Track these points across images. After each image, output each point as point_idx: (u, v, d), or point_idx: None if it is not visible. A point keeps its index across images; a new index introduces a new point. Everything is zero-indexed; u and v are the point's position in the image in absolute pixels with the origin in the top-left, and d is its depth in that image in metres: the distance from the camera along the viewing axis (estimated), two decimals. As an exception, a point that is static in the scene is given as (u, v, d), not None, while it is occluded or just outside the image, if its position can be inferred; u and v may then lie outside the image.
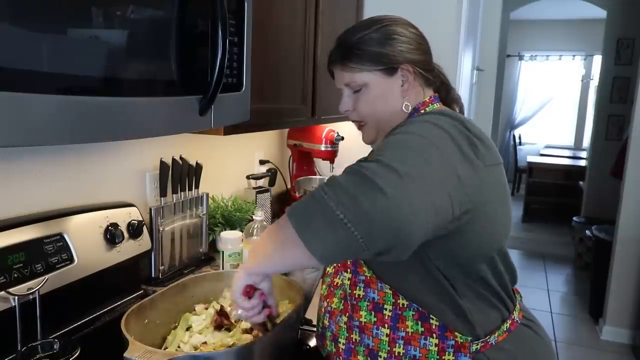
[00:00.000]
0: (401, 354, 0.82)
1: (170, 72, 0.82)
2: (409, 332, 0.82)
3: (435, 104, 0.96)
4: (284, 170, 2.23)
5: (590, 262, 3.73)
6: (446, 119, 0.81)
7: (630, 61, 4.29)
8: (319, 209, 0.67)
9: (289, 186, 2.20)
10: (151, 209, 1.33)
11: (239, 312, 0.84)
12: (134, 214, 1.25)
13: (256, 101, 1.17)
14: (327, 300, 0.93)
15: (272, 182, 1.98)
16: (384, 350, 0.83)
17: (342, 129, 2.01)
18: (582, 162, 5.79)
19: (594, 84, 6.11)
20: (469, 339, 0.81)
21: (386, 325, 0.83)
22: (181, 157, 1.40)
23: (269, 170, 1.98)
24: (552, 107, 7.12)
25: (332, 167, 2.09)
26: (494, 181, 0.83)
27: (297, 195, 1.99)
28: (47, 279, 0.96)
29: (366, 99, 0.95)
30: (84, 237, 1.09)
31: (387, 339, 0.83)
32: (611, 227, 3.10)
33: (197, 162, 1.46)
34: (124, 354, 0.76)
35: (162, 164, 1.34)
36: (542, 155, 6.56)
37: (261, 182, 1.93)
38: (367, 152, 1.09)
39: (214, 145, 1.70)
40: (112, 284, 1.21)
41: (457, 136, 0.78)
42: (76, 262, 1.05)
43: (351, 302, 0.87)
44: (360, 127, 1.01)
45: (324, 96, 1.69)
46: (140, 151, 1.38)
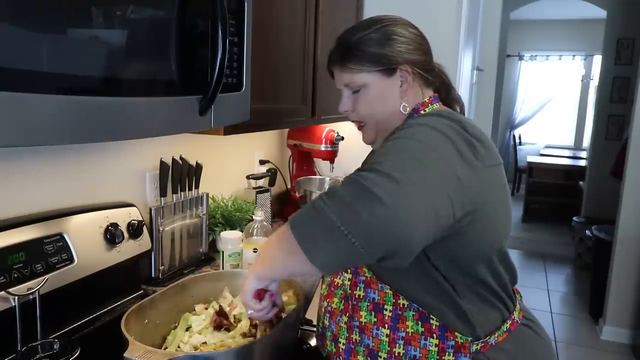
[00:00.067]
0: (401, 354, 0.82)
1: (170, 72, 0.82)
2: (409, 333, 0.82)
3: (435, 104, 0.96)
4: (284, 170, 2.23)
5: (590, 262, 3.73)
6: (444, 120, 0.81)
7: (630, 61, 4.29)
8: (319, 219, 0.67)
9: (289, 186, 2.20)
10: (151, 209, 1.33)
11: (249, 312, 0.86)
12: (134, 214, 1.25)
13: (256, 101, 1.17)
14: (327, 300, 0.93)
15: (272, 182, 1.98)
16: (384, 350, 0.83)
17: (342, 129, 2.01)
18: (582, 162, 5.79)
19: (594, 84, 6.11)
20: (469, 340, 0.81)
21: (386, 325, 0.83)
22: (181, 157, 1.40)
23: (269, 170, 1.98)
24: (552, 107, 7.12)
25: (332, 167, 2.09)
26: (494, 182, 0.83)
27: (297, 195, 1.99)
28: (47, 279, 0.96)
29: (365, 99, 0.95)
30: (84, 237, 1.09)
31: (387, 339, 0.83)
32: (611, 227, 3.10)
33: (197, 162, 1.46)
34: (124, 354, 0.76)
35: (162, 164, 1.34)
36: (542, 155, 6.57)
37: (261, 182, 1.93)
38: (367, 152, 1.10)
39: (214, 145, 1.70)
40: (112, 284, 1.21)
41: (455, 138, 0.77)
42: (76, 262, 1.05)
43: (351, 302, 0.87)
44: (360, 128, 1.01)
45: (324, 96, 1.69)
46: (140, 151, 1.38)
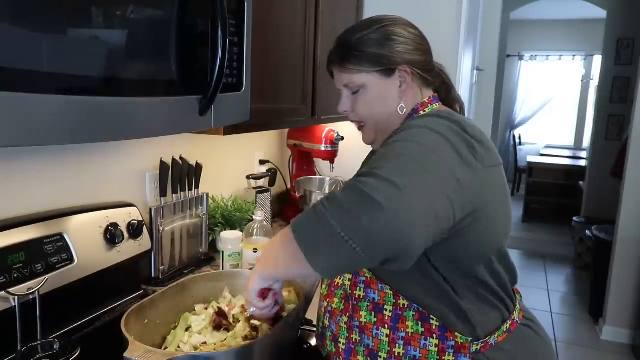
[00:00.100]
0: (401, 355, 0.82)
1: (170, 72, 0.82)
2: (409, 333, 0.82)
3: (434, 104, 0.96)
4: (284, 170, 2.23)
5: (590, 262, 3.73)
6: (443, 122, 0.81)
7: (630, 61, 4.29)
8: (320, 225, 0.67)
9: (289, 186, 2.20)
10: (151, 209, 1.33)
11: (251, 309, 0.87)
12: (134, 214, 1.25)
13: (256, 101, 1.17)
14: (327, 300, 0.93)
15: (272, 182, 1.98)
16: (384, 350, 0.83)
17: (342, 129, 2.01)
18: (582, 162, 5.79)
19: (594, 84, 6.11)
20: (469, 340, 0.81)
21: (386, 325, 0.83)
22: (181, 157, 1.40)
23: (269, 170, 1.98)
24: (552, 107, 7.12)
25: (332, 167, 2.09)
26: (494, 182, 0.83)
27: (297, 195, 1.99)
28: (47, 279, 0.96)
29: (364, 100, 0.95)
30: (84, 237, 1.09)
31: (387, 340, 0.83)
32: (611, 227, 3.10)
33: (197, 162, 1.46)
34: (124, 354, 0.76)
35: (162, 164, 1.34)
36: (542, 155, 6.56)
37: (261, 182, 1.93)
38: (367, 152, 1.10)
39: (214, 145, 1.70)
40: (112, 284, 1.21)
41: (454, 140, 0.77)
42: (76, 262, 1.05)
43: (352, 303, 0.87)
44: (360, 128, 1.01)
45: (324, 96, 1.69)
46: (140, 151, 1.38)
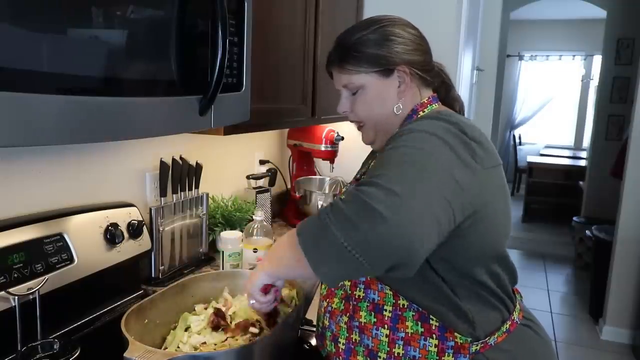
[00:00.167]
0: (400, 355, 0.82)
1: (170, 72, 0.82)
2: (408, 333, 0.82)
3: (434, 105, 0.96)
4: (284, 170, 2.23)
5: (590, 262, 3.73)
6: (442, 124, 0.81)
7: (630, 61, 4.29)
8: (324, 234, 0.68)
9: (289, 186, 2.20)
10: (151, 209, 1.33)
11: (251, 302, 0.88)
12: (134, 214, 1.25)
13: (256, 101, 1.17)
14: (327, 300, 0.93)
15: (272, 182, 1.98)
16: (383, 350, 0.83)
17: (342, 129, 2.01)
18: (582, 162, 5.79)
19: (594, 84, 6.11)
20: (469, 340, 0.81)
21: (386, 325, 0.83)
22: (181, 157, 1.40)
23: (269, 170, 1.98)
24: (552, 107, 7.12)
25: (332, 167, 2.09)
26: (493, 183, 0.83)
27: (297, 195, 1.99)
28: (47, 279, 0.96)
29: (363, 100, 0.95)
30: (84, 237, 1.09)
31: (386, 340, 0.83)
32: (611, 227, 3.10)
33: (197, 162, 1.46)
34: (124, 354, 0.76)
35: (162, 164, 1.34)
36: (542, 155, 6.56)
37: (261, 182, 1.93)
38: (367, 152, 1.10)
39: (214, 145, 1.70)
40: (112, 284, 1.21)
41: (453, 142, 0.78)
42: (76, 262, 1.05)
43: (351, 303, 0.87)
44: (359, 128, 1.01)
45: (324, 96, 1.69)
46: (140, 151, 1.38)
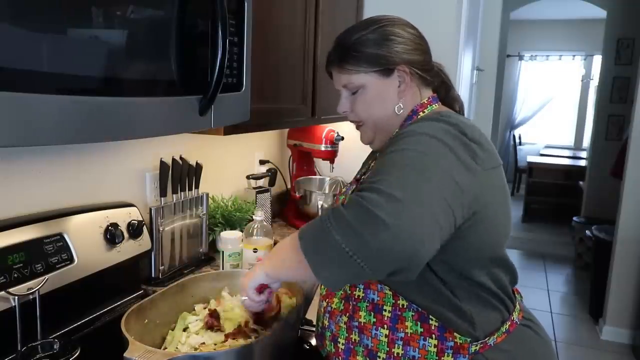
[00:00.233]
0: (400, 355, 0.82)
1: (170, 72, 0.82)
2: (408, 333, 0.82)
3: (434, 105, 0.96)
4: (284, 170, 2.23)
5: (590, 262, 3.73)
6: (442, 125, 0.81)
7: (630, 61, 4.29)
8: (326, 240, 0.68)
9: (289, 186, 2.20)
10: (151, 209, 1.33)
11: (244, 298, 0.88)
12: (134, 214, 1.25)
13: (256, 101, 1.17)
14: (327, 300, 0.93)
15: (272, 182, 1.98)
16: (383, 350, 0.83)
17: (342, 129, 2.01)
18: (582, 162, 5.79)
19: (594, 84, 6.11)
20: (468, 340, 0.81)
21: (385, 325, 0.83)
22: (181, 157, 1.40)
23: (269, 170, 1.98)
24: (552, 107, 7.12)
25: (332, 167, 2.09)
26: (493, 184, 0.83)
27: (297, 195, 1.99)
28: (47, 279, 0.96)
29: (363, 100, 0.95)
30: (84, 237, 1.09)
31: (386, 340, 0.83)
32: (611, 227, 3.10)
33: (197, 162, 1.46)
34: (124, 354, 0.76)
35: (162, 164, 1.34)
36: (542, 155, 6.56)
37: (261, 182, 1.93)
38: (366, 152, 1.10)
39: (214, 145, 1.70)
40: (112, 284, 1.21)
41: (453, 144, 0.78)
42: (76, 262, 1.05)
43: (351, 303, 0.87)
44: (358, 128, 1.01)
45: (324, 96, 1.69)
46: (140, 151, 1.38)
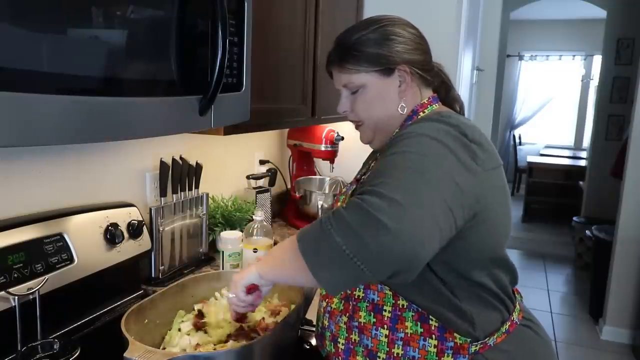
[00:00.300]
0: (400, 355, 0.82)
1: (170, 72, 0.82)
2: (408, 333, 0.82)
3: (434, 105, 0.96)
4: (284, 170, 2.23)
5: (590, 262, 3.73)
6: (442, 126, 0.81)
7: (630, 61, 4.29)
8: (326, 242, 0.68)
9: (289, 186, 2.20)
10: (151, 209, 1.33)
11: (231, 295, 0.87)
12: (134, 214, 1.25)
13: (256, 101, 1.17)
14: (327, 300, 0.93)
15: (272, 182, 1.98)
16: (382, 351, 0.83)
17: (342, 129, 2.01)
18: (582, 162, 5.79)
19: (594, 84, 6.11)
20: (468, 341, 0.81)
21: (385, 326, 0.83)
22: (181, 157, 1.40)
23: (269, 170, 1.98)
24: (552, 107, 7.12)
25: (332, 167, 2.09)
26: (494, 184, 0.84)
27: (297, 195, 1.99)
28: (47, 279, 0.96)
29: (364, 99, 0.95)
30: (84, 237, 1.09)
31: (386, 340, 0.83)
32: (611, 227, 3.10)
33: (197, 162, 1.46)
34: (124, 354, 0.76)
35: (162, 164, 1.34)
36: (542, 155, 6.56)
37: (261, 182, 1.93)
38: (366, 151, 1.10)
39: (214, 145, 1.70)
40: (112, 284, 1.21)
41: (454, 146, 0.78)
42: (76, 262, 1.05)
43: (351, 303, 0.87)
44: (357, 127, 1.01)
45: (324, 96, 1.69)
46: (140, 151, 1.38)
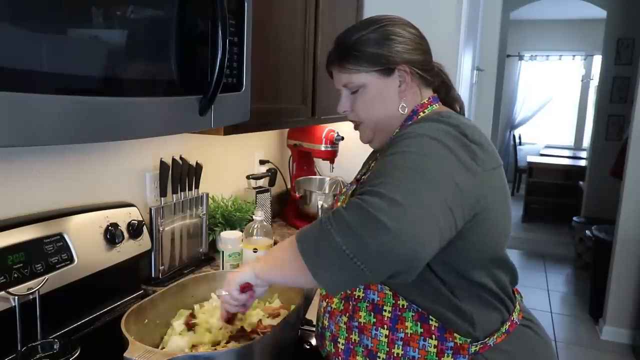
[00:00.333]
0: (400, 355, 0.82)
1: (170, 72, 0.82)
2: (408, 333, 0.82)
3: (434, 105, 0.95)
4: (284, 170, 2.23)
5: (590, 262, 3.73)
6: (443, 126, 0.81)
7: (630, 61, 4.29)
8: (326, 242, 0.68)
9: (289, 186, 2.20)
10: (151, 209, 1.33)
11: (223, 292, 0.86)
12: (134, 214, 1.25)
13: (256, 101, 1.17)
14: (327, 300, 0.93)
15: (272, 182, 1.98)
16: (382, 351, 0.83)
17: (342, 129, 2.01)
18: (582, 162, 5.79)
19: (594, 84, 6.11)
20: (468, 341, 0.81)
21: (385, 326, 0.83)
22: (181, 157, 1.40)
23: (269, 170, 1.98)
24: (552, 107, 7.12)
25: (332, 167, 2.09)
26: (494, 184, 0.84)
27: (297, 195, 1.99)
28: (47, 279, 0.96)
29: (364, 99, 0.95)
30: (84, 237, 1.09)
31: (386, 340, 0.83)
32: (611, 227, 3.10)
33: (197, 162, 1.46)
34: (124, 354, 0.76)
35: (162, 164, 1.34)
36: (542, 155, 6.56)
37: (261, 182, 1.93)
38: (366, 151, 1.10)
39: (214, 145, 1.70)
40: (112, 284, 1.21)
41: (454, 146, 0.78)
42: (76, 262, 1.05)
43: (351, 303, 0.87)
44: (356, 127, 1.01)
45: (324, 96, 1.69)
46: (140, 151, 1.38)
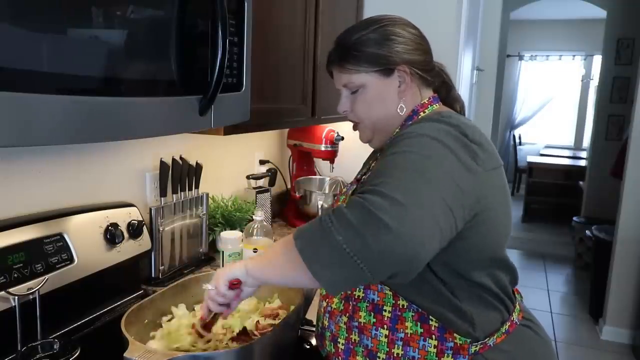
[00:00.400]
0: (400, 355, 0.82)
1: (170, 72, 0.82)
2: (408, 333, 0.82)
3: (434, 105, 0.96)
4: (284, 170, 2.23)
5: (590, 262, 3.73)
6: (443, 126, 0.81)
7: (630, 61, 4.29)
8: (326, 240, 0.68)
9: (289, 186, 2.20)
10: (151, 209, 1.33)
11: (210, 287, 0.85)
12: (134, 214, 1.25)
13: (256, 101, 1.17)
14: (327, 300, 0.93)
15: (272, 182, 1.98)
16: (382, 351, 0.83)
17: (342, 129, 2.01)
18: (582, 162, 5.79)
19: (594, 84, 6.11)
20: (468, 341, 0.81)
21: (385, 326, 0.83)
22: (181, 157, 1.40)
23: (269, 170, 1.98)
24: (552, 107, 7.12)
25: (332, 167, 2.09)
26: (494, 184, 0.84)
27: (297, 195, 1.99)
28: (47, 279, 0.96)
29: (363, 99, 0.95)
30: (84, 237, 1.09)
31: (386, 340, 0.83)
32: (611, 227, 3.10)
33: (197, 162, 1.46)
34: (124, 354, 0.76)
35: (162, 164, 1.34)
36: (542, 155, 6.56)
37: (261, 182, 1.93)
38: (367, 151, 1.10)
39: (214, 145, 1.70)
40: (112, 284, 1.21)
41: (454, 146, 0.78)
42: (76, 262, 1.05)
43: (351, 303, 0.87)
44: (355, 127, 1.01)
45: (324, 96, 1.69)
46: (140, 151, 1.38)
